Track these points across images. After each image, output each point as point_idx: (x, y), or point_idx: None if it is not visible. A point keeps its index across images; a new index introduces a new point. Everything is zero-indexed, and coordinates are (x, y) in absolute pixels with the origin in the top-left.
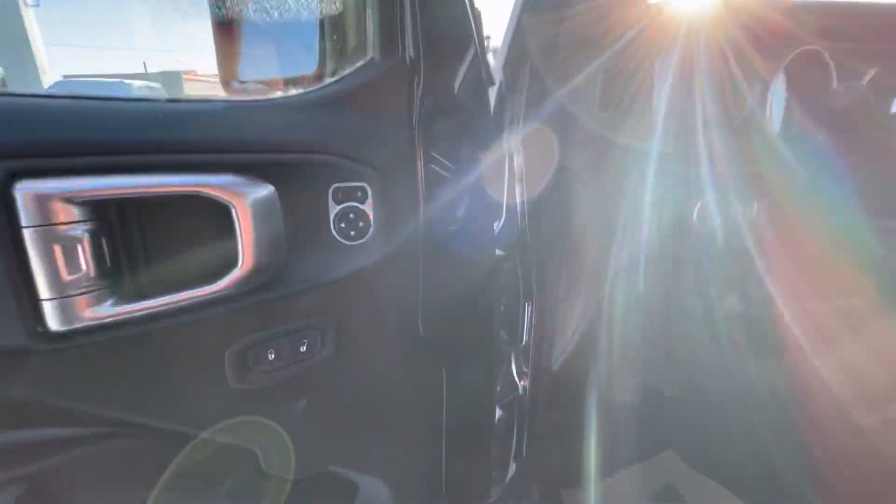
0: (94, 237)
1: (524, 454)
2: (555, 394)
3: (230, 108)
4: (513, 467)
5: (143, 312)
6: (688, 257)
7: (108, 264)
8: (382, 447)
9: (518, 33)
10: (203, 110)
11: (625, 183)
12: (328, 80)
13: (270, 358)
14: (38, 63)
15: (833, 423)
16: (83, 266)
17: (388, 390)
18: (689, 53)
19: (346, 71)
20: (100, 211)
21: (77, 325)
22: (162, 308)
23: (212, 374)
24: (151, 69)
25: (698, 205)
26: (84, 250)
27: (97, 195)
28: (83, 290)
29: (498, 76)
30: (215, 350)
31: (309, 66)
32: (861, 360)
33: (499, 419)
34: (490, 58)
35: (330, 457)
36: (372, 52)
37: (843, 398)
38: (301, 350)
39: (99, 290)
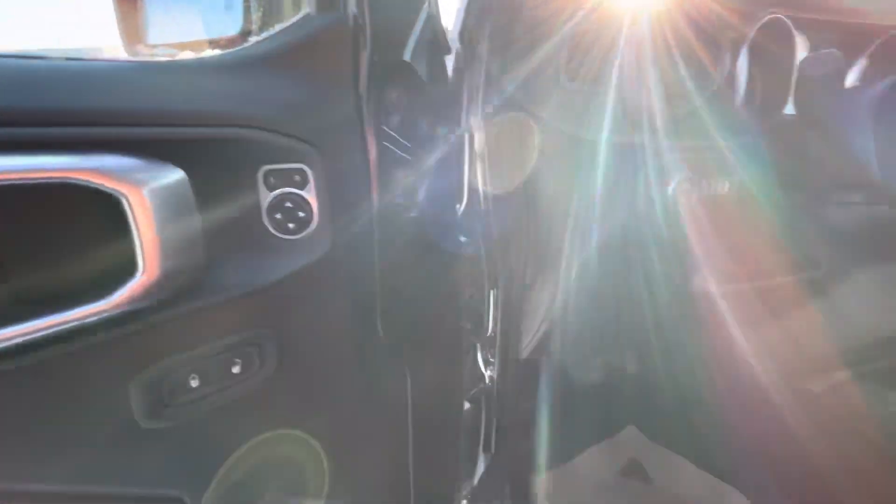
0: None
1: (493, 446)
2: (524, 382)
3: (121, 69)
4: (482, 459)
5: None
6: (653, 241)
7: None
8: (342, 470)
9: None
10: (78, 70)
11: (594, 162)
12: (253, 40)
13: (193, 385)
14: None
15: (775, 391)
16: None
17: (346, 404)
18: (657, 22)
19: (276, 29)
20: None
21: None
22: (25, 338)
23: (112, 414)
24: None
25: (671, 184)
26: None
27: None
28: None
29: (454, 46)
30: (115, 385)
31: (231, 26)
32: (796, 332)
33: (466, 412)
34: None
35: (278, 493)
36: (307, 7)
37: (787, 367)
38: (234, 371)
39: None
